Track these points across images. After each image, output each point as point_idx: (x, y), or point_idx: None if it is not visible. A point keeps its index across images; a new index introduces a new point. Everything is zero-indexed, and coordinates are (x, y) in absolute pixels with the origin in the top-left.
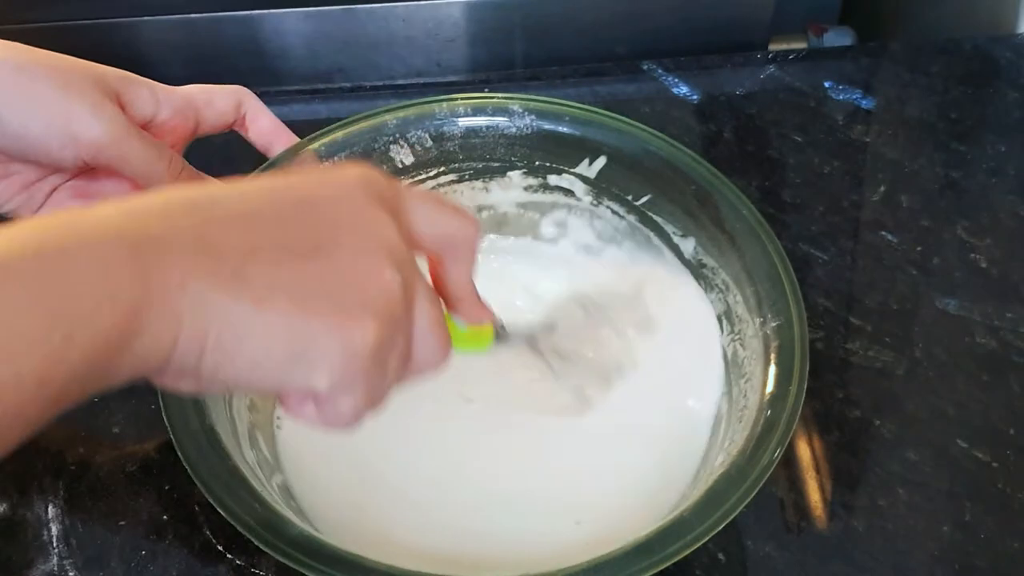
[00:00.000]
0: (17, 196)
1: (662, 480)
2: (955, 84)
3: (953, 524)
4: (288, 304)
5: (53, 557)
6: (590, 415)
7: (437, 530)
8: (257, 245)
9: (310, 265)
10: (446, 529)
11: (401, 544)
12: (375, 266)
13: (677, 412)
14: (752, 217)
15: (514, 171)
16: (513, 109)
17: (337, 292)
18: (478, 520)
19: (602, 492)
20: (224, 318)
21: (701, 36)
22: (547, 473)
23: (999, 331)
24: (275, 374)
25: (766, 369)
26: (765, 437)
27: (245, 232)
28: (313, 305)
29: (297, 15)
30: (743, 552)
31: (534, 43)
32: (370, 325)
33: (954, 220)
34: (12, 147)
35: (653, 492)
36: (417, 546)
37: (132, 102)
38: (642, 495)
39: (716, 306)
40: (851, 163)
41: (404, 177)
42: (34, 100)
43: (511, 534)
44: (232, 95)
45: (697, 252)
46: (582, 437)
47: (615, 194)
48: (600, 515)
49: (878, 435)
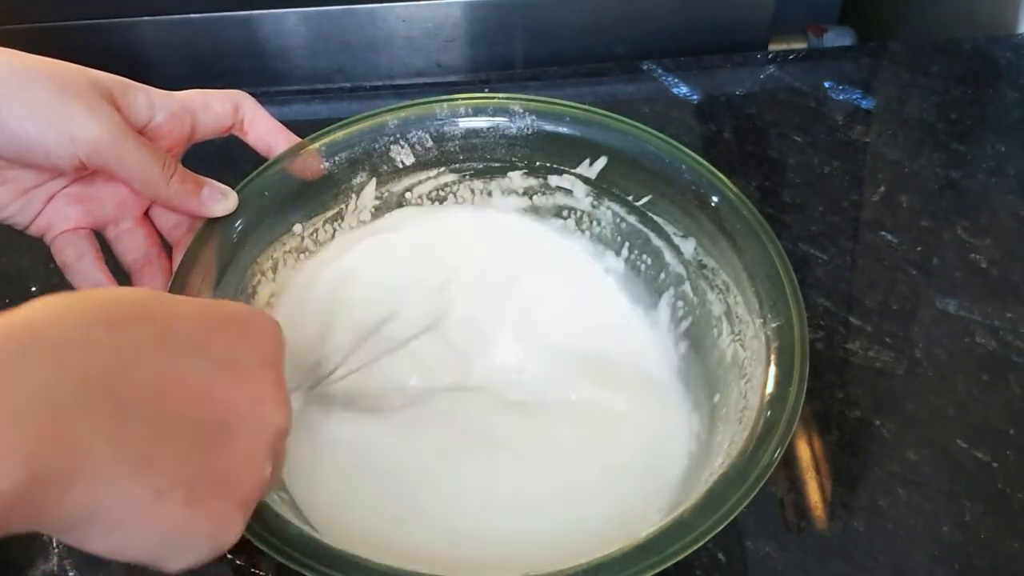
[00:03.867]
0: (14, 203)
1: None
2: (955, 84)
3: (953, 524)
4: (183, 504)
5: (53, 557)
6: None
7: (437, 531)
8: (170, 423)
9: (210, 456)
10: (446, 530)
11: (401, 544)
12: (260, 459)
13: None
14: (752, 218)
15: (515, 171)
16: (514, 109)
17: (226, 489)
18: (478, 520)
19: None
20: (117, 503)
21: (701, 36)
22: (547, 472)
23: (999, 331)
24: (140, 556)
25: (766, 370)
26: (765, 438)
27: (159, 408)
28: (204, 505)
29: (297, 15)
30: (743, 552)
31: (534, 43)
32: (240, 523)
33: (954, 220)
34: (9, 149)
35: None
36: (417, 546)
37: (128, 106)
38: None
39: (716, 307)
40: (851, 163)
41: (405, 177)
42: (31, 102)
43: (511, 534)
44: (229, 99)
45: (697, 252)
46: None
47: (615, 195)
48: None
49: (878, 435)
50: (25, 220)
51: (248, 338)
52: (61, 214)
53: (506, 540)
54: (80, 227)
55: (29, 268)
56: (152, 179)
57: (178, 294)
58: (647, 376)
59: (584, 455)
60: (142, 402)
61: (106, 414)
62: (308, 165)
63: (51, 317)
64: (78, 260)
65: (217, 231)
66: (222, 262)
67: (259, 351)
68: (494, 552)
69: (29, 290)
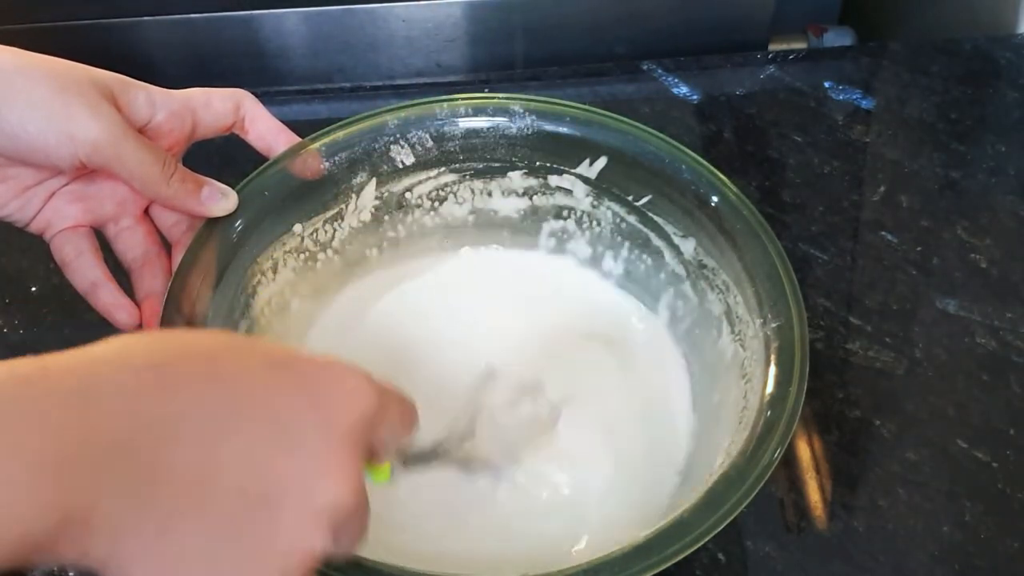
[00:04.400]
0: (14, 201)
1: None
2: (955, 84)
3: (953, 524)
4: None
5: None
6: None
7: (437, 531)
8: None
9: (243, 528)
10: (446, 530)
11: (401, 544)
12: (305, 536)
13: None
14: (753, 218)
15: (515, 171)
16: (514, 109)
17: (257, 564)
18: (478, 521)
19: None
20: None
21: (701, 36)
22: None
23: (999, 331)
24: None
25: (766, 370)
26: (765, 438)
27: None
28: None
29: (297, 15)
30: (743, 552)
31: (534, 43)
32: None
33: (954, 220)
34: (9, 147)
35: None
36: (416, 547)
37: (128, 105)
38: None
39: (716, 307)
40: (851, 163)
41: (405, 177)
42: (32, 100)
43: (511, 535)
44: (230, 98)
45: (697, 253)
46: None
47: (615, 195)
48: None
49: (878, 435)
50: (25, 218)
51: (322, 407)
52: (61, 212)
53: (507, 539)
54: (80, 225)
55: (29, 268)
56: (152, 178)
57: (178, 294)
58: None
59: (594, 454)
60: (180, 469)
61: (140, 478)
62: (308, 165)
63: (114, 360)
64: (76, 258)
65: (217, 231)
66: (222, 262)
67: (332, 420)
68: (496, 551)
69: (29, 290)
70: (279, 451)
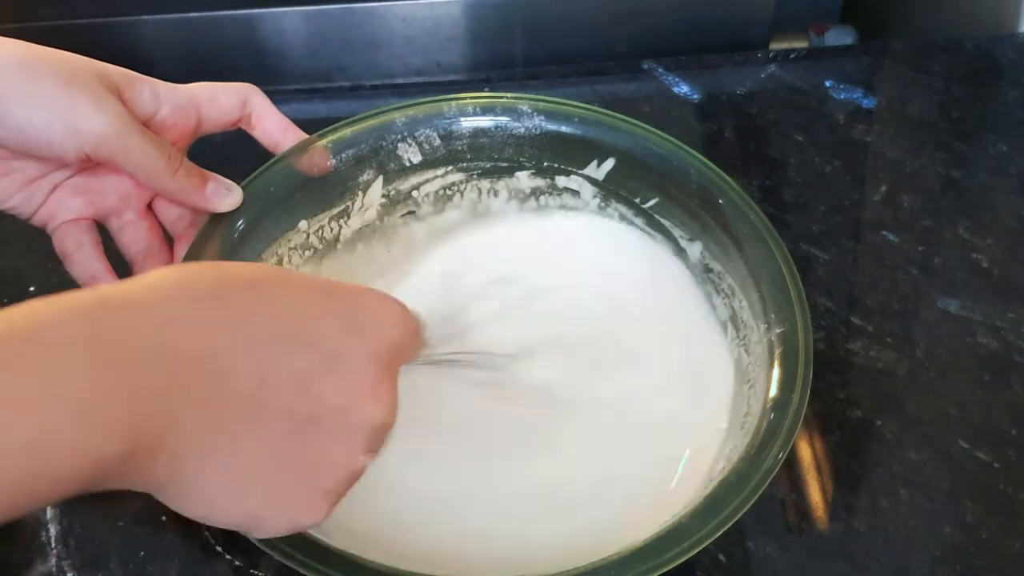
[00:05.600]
0: (18, 193)
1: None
2: (956, 83)
3: (954, 525)
4: (264, 490)
5: (52, 558)
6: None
7: (436, 531)
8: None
9: (298, 447)
10: (445, 530)
11: (400, 545)
12: (351, 453)
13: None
14: (759, 221)
15: (522, 171)
16: (522, 109)
17: (311, 480)
18: (477, 521)
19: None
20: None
21: (702, 35)
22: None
23: (1000, 331)
24: (221, 524)
25: (769, 374)
26: (767, 443)
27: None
28: (285, 492)
29: (296, 14)
30: (744, 553)
31: (534, 42)
32: (323, 510)
33: (955, 220)
34: (14, 140)
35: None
36: (416, 547)
37: (134, 99)
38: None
39: (721, 311)
40: (852, 163)
41: (412, 175)
42: (38, 93)
43: (510, 535)
44: (237, 93)
45: (704, 256)
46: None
47: (623, 196)
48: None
49: (879, 435)
50: (28, 210)
51: (362, 331)
52: (64, 205)
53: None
54: (82, 218)
55: (28, 267)
56: (157, 172)
57: None
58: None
59: (618, 446)
60: (237, 393)
61: (200, 399)
62: (315, 162)
63: (171, 291)
64: (77, 250)
65: (221, 226)
66: (226, 257)
67: (371, 343)
68: (495, 551)
69: (28, 289)
70: (323, 374)
